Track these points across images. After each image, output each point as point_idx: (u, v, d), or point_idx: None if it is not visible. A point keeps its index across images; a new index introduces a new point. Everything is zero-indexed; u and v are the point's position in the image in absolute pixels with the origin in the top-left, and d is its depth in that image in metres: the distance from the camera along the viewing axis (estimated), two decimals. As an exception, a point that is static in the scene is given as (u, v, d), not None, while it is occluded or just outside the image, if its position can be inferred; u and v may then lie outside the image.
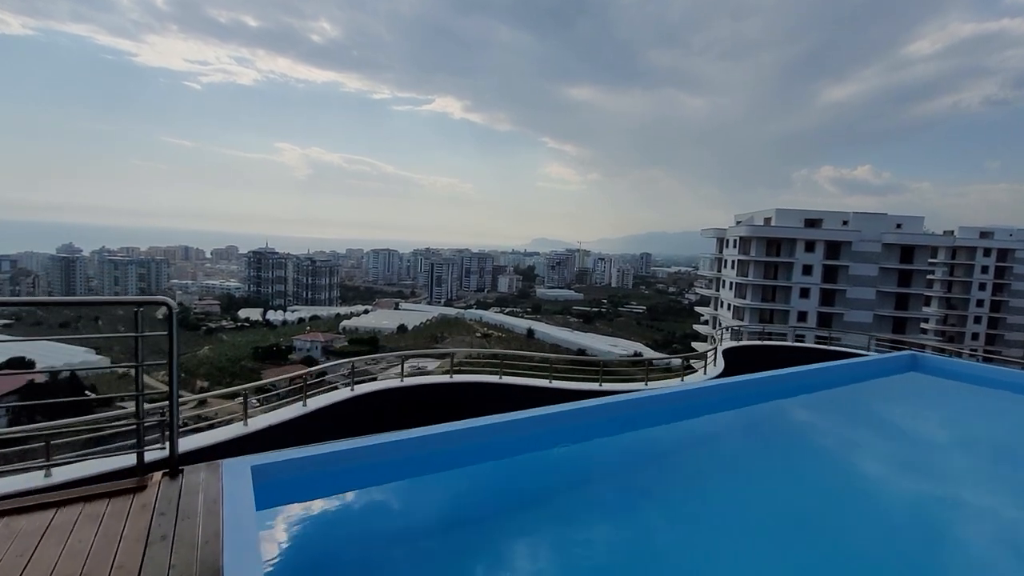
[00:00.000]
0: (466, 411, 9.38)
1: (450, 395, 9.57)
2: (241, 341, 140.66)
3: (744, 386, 7.08)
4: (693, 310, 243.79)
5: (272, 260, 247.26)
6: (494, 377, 10.02)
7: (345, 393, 8.64)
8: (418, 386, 9.34)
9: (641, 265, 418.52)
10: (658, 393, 6.85)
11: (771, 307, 53.45)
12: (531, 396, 9.72)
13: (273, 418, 7.83)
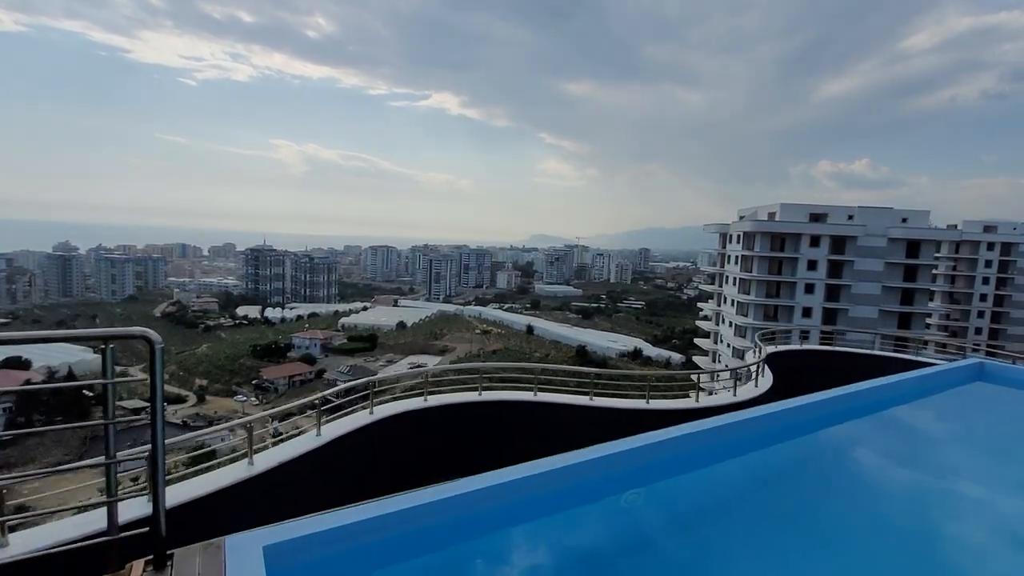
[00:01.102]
0: (499, 433, 8.69)
1: (480, 415, 8.66)
2: (239, 339, 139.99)
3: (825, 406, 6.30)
4: (692, 305, 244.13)
5: (270, 257, 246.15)
6: (528, 394, 9.00)
7: (363, 418, 7.72)
8: (444, 406, 8.36)
9: (640, 260, 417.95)
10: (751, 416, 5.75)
11: (775, 303, 52.96)
12: (572, 416, 8.85)
13: (283, 452, 6.80)
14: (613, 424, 8.71)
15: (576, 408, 8.81)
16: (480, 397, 8.68)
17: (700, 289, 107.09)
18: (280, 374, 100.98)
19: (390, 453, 8.03)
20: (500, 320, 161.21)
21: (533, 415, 8.84)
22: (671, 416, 8.86)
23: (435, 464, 8.46)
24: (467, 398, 8.67)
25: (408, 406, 8.15)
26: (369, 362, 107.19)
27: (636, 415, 8.87)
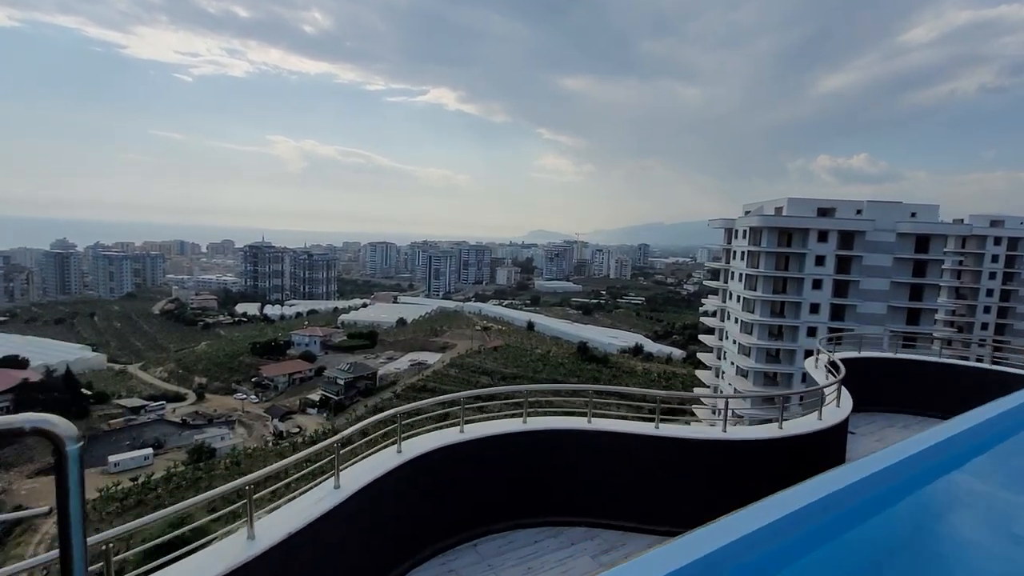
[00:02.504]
0: (551, 468, 7.57)
1: (526, 447, 7.47)
2: (239, 336, 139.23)
3: None
4: (692, 301, 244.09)
5: (269, 254, 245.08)
6: (581, 420, 7.81)
7: (390, 458, 6.41)
8: (485, 439, 7.19)
9: (639, 256, 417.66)
10: None
11: (782, 299, 52.25)
12: (635, 447, 7.68)
13: (293, 519, 5.23)
14: (686, 457, 7.70)
15: (640, 438, 7.61)
16: (525, 426, 7.50)
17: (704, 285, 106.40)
18: (280, 372, 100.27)
19: (426, 499, 6.89)
20: (500, 316, 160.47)
21: (589, 446, 7.68)
22: (755, 448, 7.81)
23: (480, 509, 7.40)
24: (510, 427, 7.50)
25: (443, 440, 6.96)
26: (369, 359, 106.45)
27: (713, 446, 7.69)
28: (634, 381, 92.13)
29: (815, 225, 50.15)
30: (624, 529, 7.57)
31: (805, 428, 8.07)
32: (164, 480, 57.31)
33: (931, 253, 49.78)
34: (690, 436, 7.70)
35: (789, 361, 52.23)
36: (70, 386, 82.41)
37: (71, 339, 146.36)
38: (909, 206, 51.36)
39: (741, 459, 7.78)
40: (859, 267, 50.08)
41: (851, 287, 50.54)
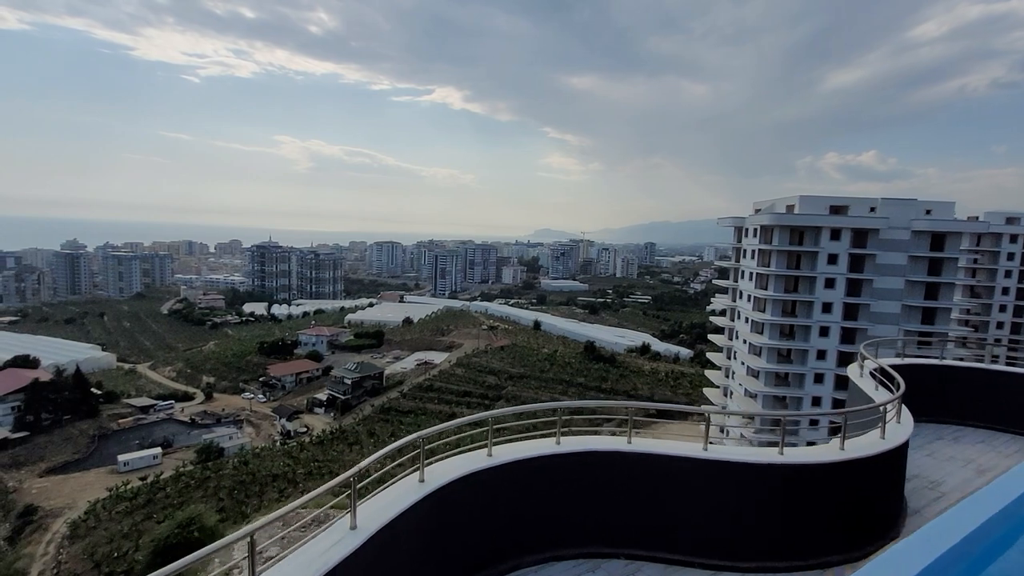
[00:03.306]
0: (587, 494, 6.89)
1: (560, 472, 6.80)
2: (247, 336, 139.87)
3: None
4: (699, 299, 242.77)
5: (276, 254, 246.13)
6: (620, 441, 7.10)
7: (412, 490, 5.69)
8: (514, 463, 6.46)
9: (645, 254, 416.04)
10: None
11: (794, 298, 51.49)
12: (681, 471, 6.91)
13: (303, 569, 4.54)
14: (739, 482, 6.93)
15: (686, 461, 6.85)
16: (559, 447, 6.80)
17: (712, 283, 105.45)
18: (287, 371, 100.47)
19: (451, 532, 6.16)
20: (507, 316, 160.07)
21: (630, 470, 6.95)
22: (816, 472, 6.99)
23: (510, 541, 6.71)
24: (543, 449, 6.77)
25: (470, 465, 6.25)
26: (376, 359, 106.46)
27: (769, 471, 6.85)
28: (642, 381, 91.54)
29: (828, 223, 49.33)
30: (669, 562, 6.91)
31: (869, 449, 7.23)
32: (173, 480, 57.41)
33: (947, 251, 48.84)
34: (743, 459, 6.94)
35: (801, 361, 51.51)
36: (80, 386, 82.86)
37: (81, 339, 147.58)
38: (924, 203, 50.44)
39: (800, 485, 7.04)
40: (873, 265, 49.22)
41: (864, 286, 49.70)
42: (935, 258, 48.96)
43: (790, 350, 52.07)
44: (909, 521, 7.93)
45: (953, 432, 11.53)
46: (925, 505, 8.42)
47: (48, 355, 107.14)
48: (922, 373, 10.89)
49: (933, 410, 11.63)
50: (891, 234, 48.55)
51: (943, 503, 8.49)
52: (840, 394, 50.85)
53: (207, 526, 39.31)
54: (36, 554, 46.92)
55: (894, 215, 48.57)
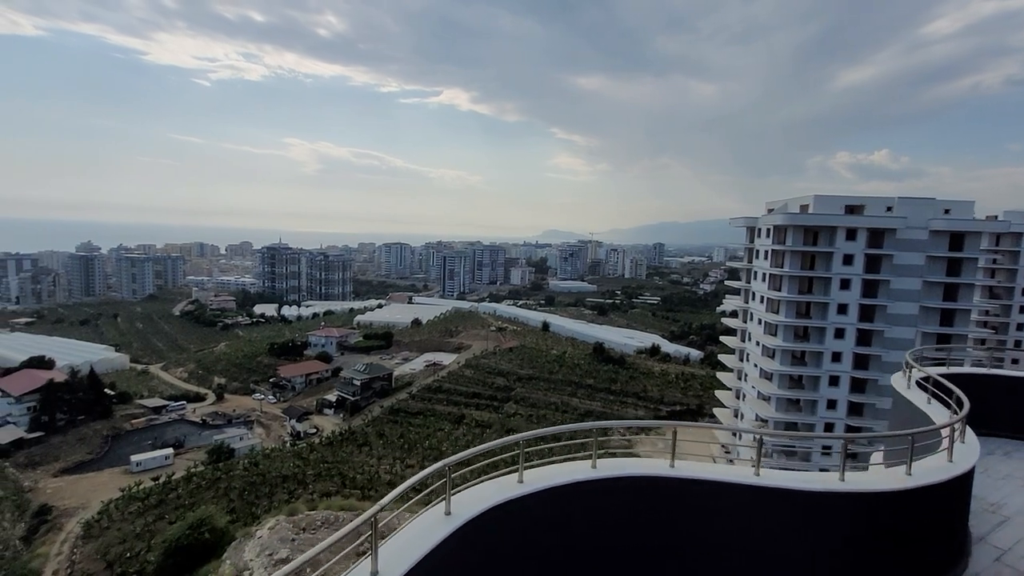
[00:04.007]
0: (627, 524, 6.25)
1: (596, 499, 6.16)
2: (257, 337, 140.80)
3: None
4: (709, 300, 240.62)
5: (286, 255, 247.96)
6: (661, 464, 6.46)
7: (437, 525, 5.08)
8: (547, 491, 5.84)
9: (654, 255, 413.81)
10: None
11: (808, 299, 50.63)
12: (730, 499, 6.21)
13: None
14: (796, 511, 6.18)
15: (736, 488, 6.16)
16: (595, 472, 6.19)
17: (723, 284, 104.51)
18: (297, 372, 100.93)
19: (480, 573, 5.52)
20: (515, 317, 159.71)
21: (673, 497, 6.27)
22: (882, 501, 6.21)
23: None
24: (578, 474, 6.14)
25: (499, 493, 5.64)
26: (385, 360, 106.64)
27: (828, 499, 6.08)
28: (652, 383, 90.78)
29: (843, 223, 48.46)
30: None
31: (938, 475, 6.46)
32: (184, 480, 57.74)
33: (966, 251, 47.80)
34: (801, 486, 6.15)
35: (816, 363, 50.64)
36: (94, 386, 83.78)
37: (95, 340, 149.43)
38: (942, 202, 49.40)
39: (866, 515, 6.26)
40: (890, 266, 48.29)
41: (881, 287, 48.77)
42: (954, 258, 47.94)
43: (804, 352, 51.24)
44: (975, 549, 7.17)
45: (1003, 446, 10.66)
46: (989, 531, 7.63)
47: (63, 356, 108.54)
48: (969, 383, 9.90)
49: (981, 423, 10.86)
50: (909, 234, 47.60)
51: (1009, 529, 7.65)
52: (856, 397, 49.96)
53: (218, 527, 39.41)
54: (50, 554, 47.35)
55: (912, 215, 47.61)
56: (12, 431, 73.75)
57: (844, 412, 50.35)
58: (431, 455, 65.78)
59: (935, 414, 8.23)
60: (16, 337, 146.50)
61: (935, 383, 9.00)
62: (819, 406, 50.61)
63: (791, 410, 51.98)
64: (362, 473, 58.73)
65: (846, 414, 50.38)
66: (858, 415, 50.43)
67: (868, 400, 49.64)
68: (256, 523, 39.18)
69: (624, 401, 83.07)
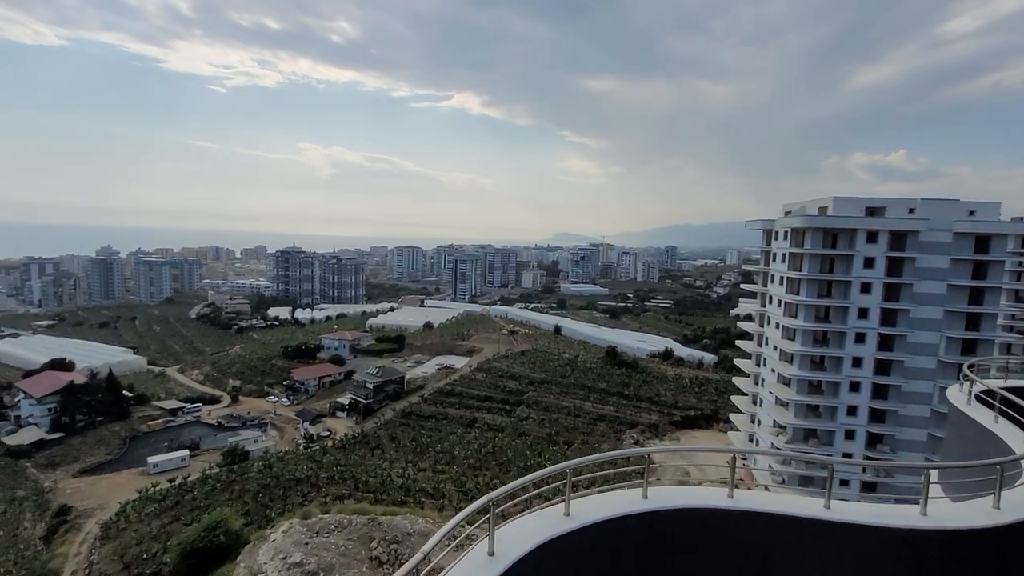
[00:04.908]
0: (679, 563, 5.71)
1: (649, 534, 5.59)
2: (271, 340, 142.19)
3: None
4: (722, 304, 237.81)
5: (299, 259, 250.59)
6: (719, 495, 5.84)
7: (482, 569, 4.60)
8: (597, 525, 5.29)
9: (666, 258, 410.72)
10: None
11: (828, 303, 49.56)
12: (799, 535, 5.59)
13: None
14: (874, 550, 5.50)
15: (804, 522, 5.50)
16: (647, 502, 5.62)
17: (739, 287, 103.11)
18: (310, 375, 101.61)
19: None
20: (527, 320, 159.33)
21: (732, 532, 5.64)
22: (971, 539, 5.52)
23: None
24: (629, 505, 5.58)
25: (544, 528, 5.12)
26: (397, 363, 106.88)
27: (911, 537, 5.43)
28: (665, 387, 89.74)
29: (864, 225, 47.39)
30: None
31: None
32: (199, 482, 58.24)
33: (992, 254, 46.46)
34: (880, 522, 5.48)
35: (836, 369, 49.52)
36: (112, 388, 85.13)
37: (114, 342, 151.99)
38: (967, 204, 48.15)
39: (953, 555, 5.59)
40: (912, 269, 47.12)
41: (903, 290, 47.59)
42: (979, 261, 46.62)
43: (824, 357, 50.16)
44: None
45: None
46: None
47: (83, 358, 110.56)
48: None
49: None
50: (932, 236, 46.41)
51: None
52: (878, 403, 48.75)
53: (232, 530, 39.61)
54: (69, 554, 47.98)
55: (935, 216, 46.42)
56: (33, 432, 75.17)
57: (865, 419, 49.15)
58: (443, 458, 65.62)
59: (1009, 436, 7.40)
60: (39, 339, 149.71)
61: (1003, 399, 8.11)
62: (839, 412, 49.46)
63: (810, 416, 50.91)
64: (375, 476, 58.71)
65: (867, 421, 49.17)
66: (880, 422, 49.19)
67: (890, 406, 48.42)
68: (270, 526, 39.32)
69: (637, 406, 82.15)
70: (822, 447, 50.22)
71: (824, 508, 5.64)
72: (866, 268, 47.76)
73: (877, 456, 48.74)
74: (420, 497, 53.97)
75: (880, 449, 49.24)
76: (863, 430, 49.17)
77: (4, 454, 70.16)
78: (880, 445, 49.49)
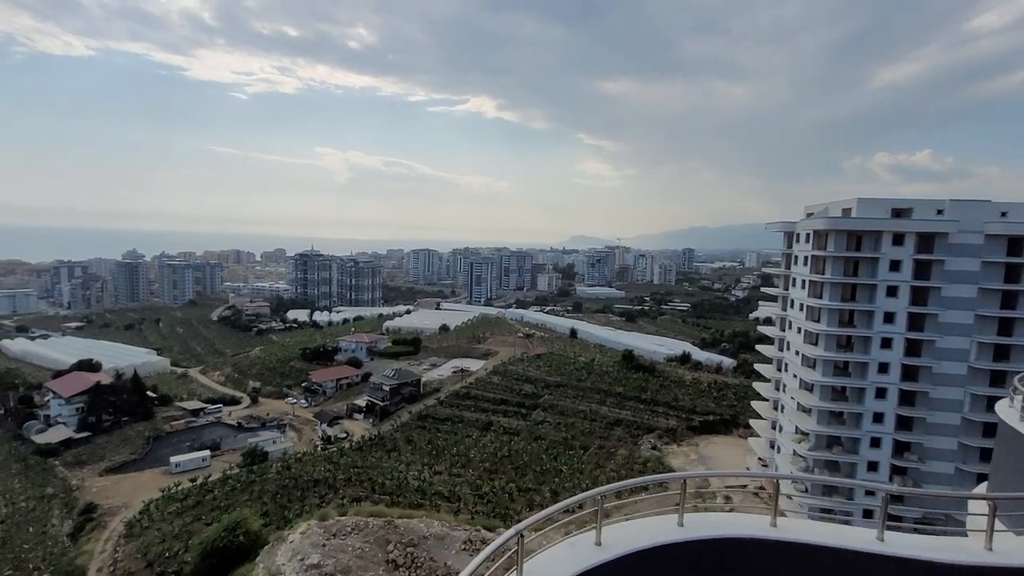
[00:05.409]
0: None
1: (687, 565, 5.20)
2: (290, 342, 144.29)
3: None
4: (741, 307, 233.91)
5: (317, 262, 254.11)
6: (760, 523, 5.41)
7: None
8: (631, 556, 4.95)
9: (683, 261, 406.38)
10: None
11: (852, 307, 48.29)
12: (848, 569, 5.14)
13: None
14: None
15: (856, 556, 5.05)
16: (684, 532, 5.23)
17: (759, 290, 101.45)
18: (328, 377, 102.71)
19: None
20: (542, 323, 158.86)
21: (777, 565, 5.21)
22: None
23: None
24: (664, 533, 5.20)
25: (576, 560, 4.79)
26: (413, 365, 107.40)
27: (971, 574, 4.93)
28: (683, 391, 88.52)
29: (890, 227, 46.12)
30: None
31: None
32: (220, 482, 59.15)
33: (1026, 256, 44.79)
34: (940, 557, 4.96)
35: (860, 374, 48.24)
36: (137, 389, 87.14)
37: (139, 343, 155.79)
38: (998, 204, 46.54)
39: None
40: (941, 272, 45.70)
41: (932, 294, 46.17)
42: (1013, 264, 44.99)
43: (848, 363, 48.91)
44: None
45: None
46: None
47: (109, 359, 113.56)
48: None
49: None
50: (962, 238, 44.98)
51: None
52: (906, 410, 47.33)
53: (252, 530, 40.10)
54: (95, 551, 49.09)
55: (965, 218, 44.98)
56: (62, 431, 77.33)
57: (892, 426, 47.74)
58: (459, 462, 65.63)
59: None
60: (67, 340, 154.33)
61: None
62: (864, 419, 48.12)
63: (833, 423, 49.63)
64: (391, 479, 58.96)
65: (894, 428, 47.76)
66: (907, 429, 47.74)
67: (918, 414, 46.96)
68: (288, 527, 39.71)
69: (655, 410, 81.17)
70: (846, 454, 48.92)
71: (877, 540, 5.17)
72: (892, 271, 46.46)
73: (905, 465, 47.33)
74: (436, 500, 54.01)
75: (908, 457, 47.76)
76: (890, 437, 47.77)
77: (34, 452, 72.28)
78: (907, 453, 48.01)
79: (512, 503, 54.72)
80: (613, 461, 66.19)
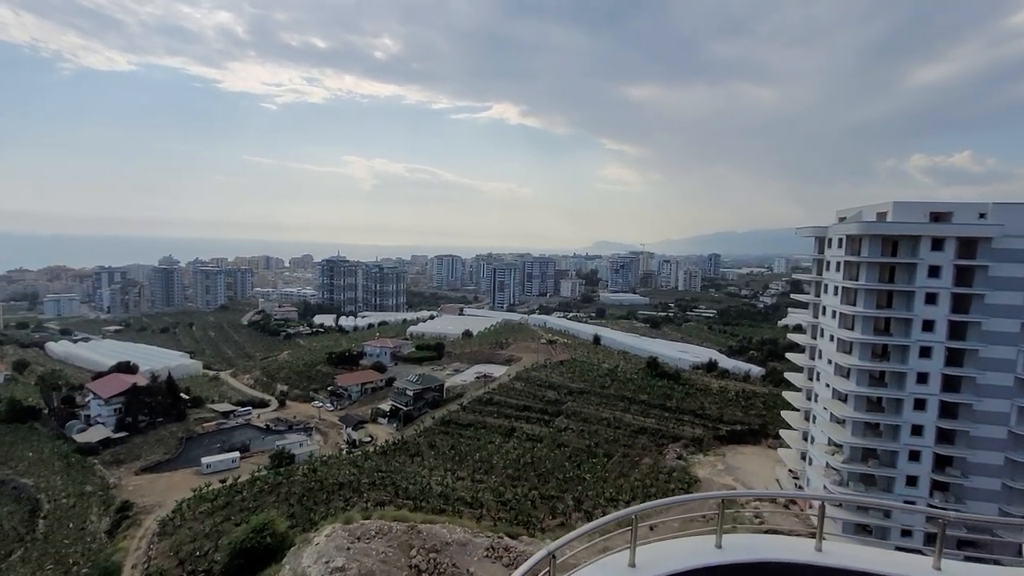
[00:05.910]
0: None
1: None
2: (317, 346, 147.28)
3: None
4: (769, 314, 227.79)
5: (343, 268, 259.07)
6: (805, 547, 5.09)
7: None
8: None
9: (709, 266, 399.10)
10: None
11: (888, 314, 46.53)
12: None
13: None
14: None
15: None
16: (722, 555, 4.95)
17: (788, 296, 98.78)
18: (353, 381, 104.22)
19: None
20: (565, 329, 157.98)
21: None
22: None
23: None
24: (701, 555, 4.91)
25: None
26: (436, 371, 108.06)
27: None
28: (709, 400, 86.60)
29: (929, 232, 44.35)
30: None
31: None
32: (249, 484, 60.45)
33: (1078, 261, 42.43)
34: None
35: (898, 385, 46.34)
36: (171, 390, 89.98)
37: (173, 347, 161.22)
38: (1047, 207, 44.24)
39: None
40: (984, 278, 43.65)
41: (974, 301, 44.13)
42: (1063, 270, 42.66)
43: (884, 372, 47.06)
44: None
45: None
46: None
47: (145, 362, 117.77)
48: None
49: None
50: (1007, 243, 42.90)
51: None
52: (947, 423, 45.21)
53: (279, 532, 40.84)
54: (130, 548, 50.70)
55: (1010, 222, 42.93)
56: (101, 431, 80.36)
57: (932, 439, 45.64)
58: (481, 467, 65.53)
59: None
60: (107, 343, 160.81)
61: None
62: (902, 432, 46.13)
63: (869, 435, 47.75)
64: (414, 484, 59.24)
65: (934, 441, 45.64)
66: (949, 443, 45.58)
67: (961, 427, 44.79)
68: (314, 529, 40.29)
69: (680, 419, 79.60)
70: (883, 467, 46.94)
71: (934, 569, 4.79)
72: (931, 277, 44.62)
73: (946, 480, 45.13)
74: (458, 506, 53.97)
75: (950, 472, 45.54)
76: (930, 451, 45.65)
77: (75, 451, 75.25)
78: (949, 468, 45.80)
79: (535, 510, 54.28)
80: (637, 470, 65.07)
